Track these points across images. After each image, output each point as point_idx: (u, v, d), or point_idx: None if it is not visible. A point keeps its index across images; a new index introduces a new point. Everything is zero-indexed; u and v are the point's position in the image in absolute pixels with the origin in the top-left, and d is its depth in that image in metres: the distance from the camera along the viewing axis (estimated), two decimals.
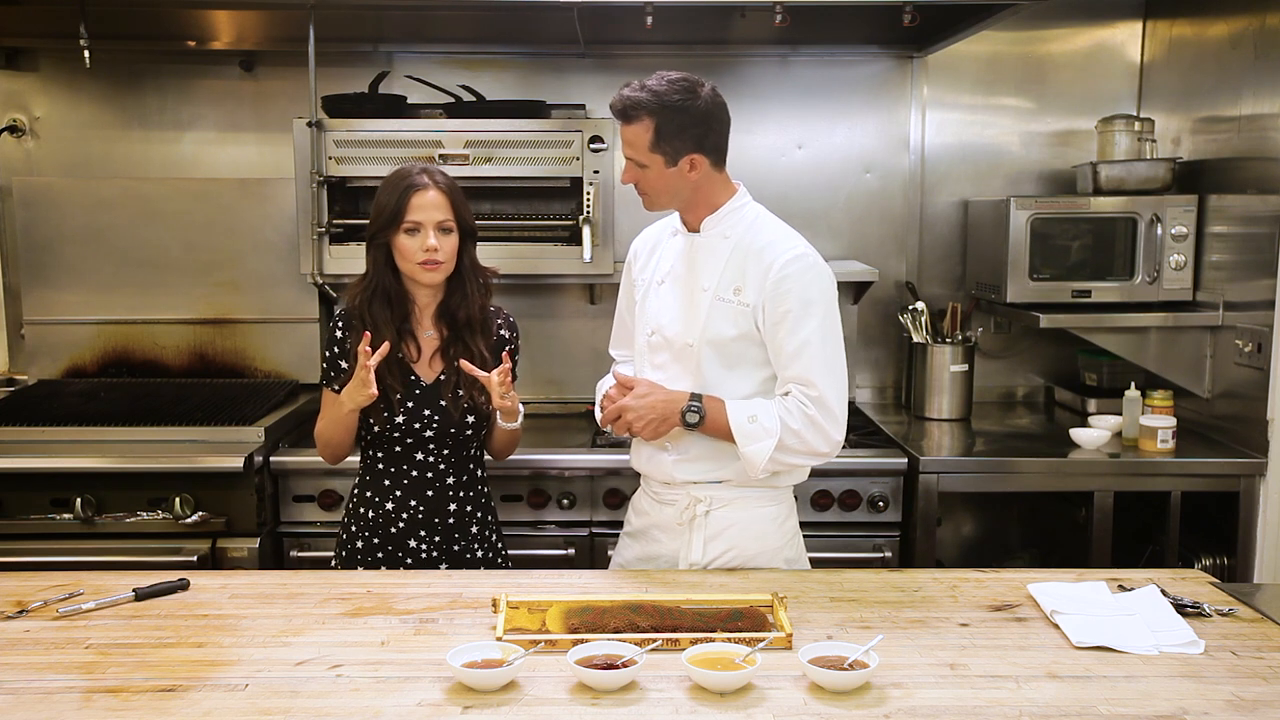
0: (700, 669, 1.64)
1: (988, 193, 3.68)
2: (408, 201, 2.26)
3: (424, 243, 2.26)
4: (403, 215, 2.26)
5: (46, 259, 3.55)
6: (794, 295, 2.15)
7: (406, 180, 2.29)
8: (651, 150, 2.14)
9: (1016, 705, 1.61)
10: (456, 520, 2.37)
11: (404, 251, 2.28)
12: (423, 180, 2.28)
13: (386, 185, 2.32)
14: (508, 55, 3.66)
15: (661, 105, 2.11)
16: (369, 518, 2.37)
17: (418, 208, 2.26)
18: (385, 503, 2.35)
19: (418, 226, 2.26)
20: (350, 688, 1.66)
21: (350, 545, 2.39)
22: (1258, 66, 3.03)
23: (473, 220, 2.36)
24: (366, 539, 2.37)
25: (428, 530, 2.35)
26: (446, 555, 2.37)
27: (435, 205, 2.27)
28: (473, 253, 2.37)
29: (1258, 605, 1.99)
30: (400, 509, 2.35)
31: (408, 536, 2.35)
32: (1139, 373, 3.36)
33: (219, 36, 3.60)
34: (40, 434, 3.02)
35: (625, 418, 2.20)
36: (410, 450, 2.34)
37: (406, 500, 2.35)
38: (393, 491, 2.35)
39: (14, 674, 1.71)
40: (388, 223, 2.28)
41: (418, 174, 2.30)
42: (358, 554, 2.38)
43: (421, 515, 2.35)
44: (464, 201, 2.33)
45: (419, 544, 2.35)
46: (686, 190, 2.20)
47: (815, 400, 2.14)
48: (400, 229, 2.27)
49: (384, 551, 2.36)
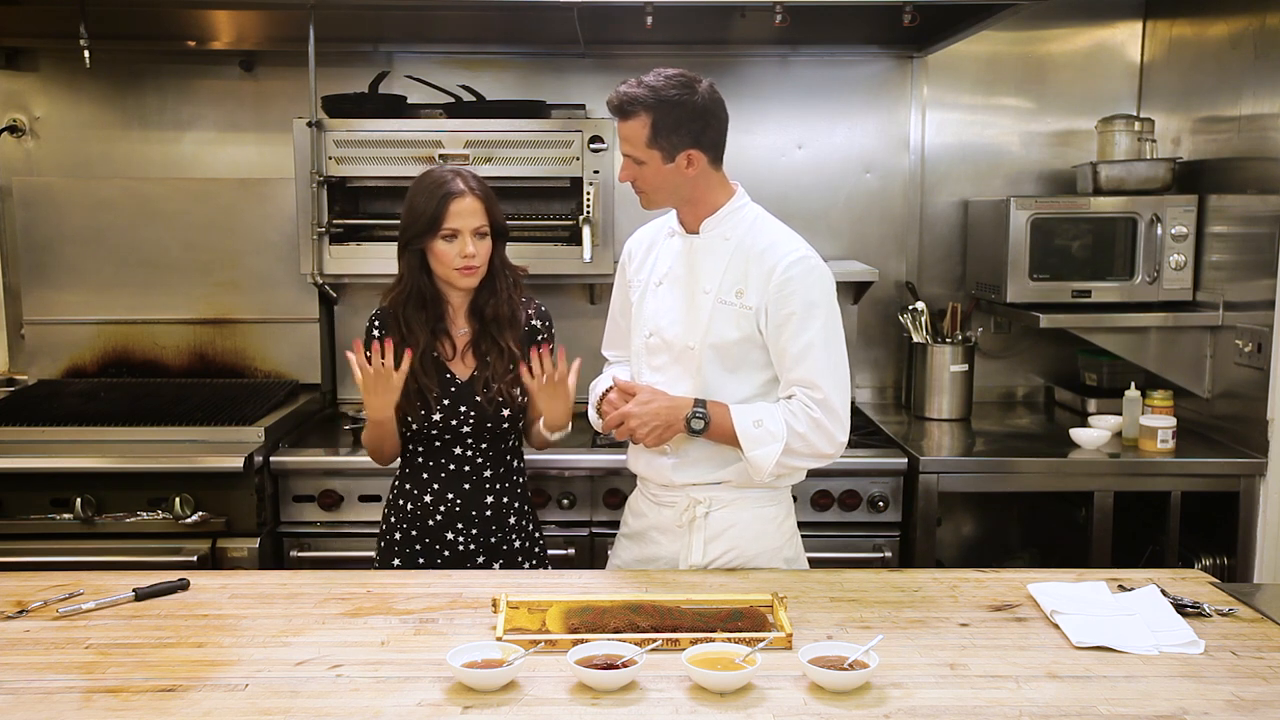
0: (700, 669, 1.64)
1: (988, 193, 3.68)
2: (446, 209, 2.25)
3: (462, 249, 2.26)
4: (441, 222, 2.25)
5: (46, 259, 3.55)
6: (798, 297, 2.15)
7: (444, 188, 2.27)
8: (648, 146, 2.13)
9: (1016, 705, 1.61)
10: (494, 512, 2.39)
11: (441, 257, 2.28)
12: (459, 186, 2.28)
13: (421, 190, 2.30)
14: (508, 55, 3.66)
15: (658, 100, 2.11)
16: (407, 510, 2.39)
17: (455, 215, 2.26)
18: (423, 495, 2.37)
19: (455, 233, 2.26)
20: (350, 688, 1.66)
21: (389, 537, 2.42)
22: (1258, 66, 3.03)
23: (504, 220, 2.37)
24: (405, 531, 2.39)
25: (464, 523, 2.37)
26: (484, 547, 2.38)
27: (472, 212, 2.27)
28: (503, 251, 2.38)
29: (1258, 605, 1.99)
30: (438, 502, 2.36)
31: (445, 529, 2.37)
32: (1139, 373, 3.35)
33: (219, 36, 3.60)
34: (40, 434, 3.02)
35: (628, 424, 2.19)
36: (449, 445, 2.36)
37: (444, 493, 2.36)
38: (430, 485, 2.37)
39: (14, 674, 1.71)
40: (424, 229, 2.27)
41: (453, 179, 2.29)
42: (395, 545, 2.40)
43: (459, 508, 2.36)
44: (496, 203, 2.33)
45: (456, 536, 2.37)
46: (684, 188, 2.20)
47: (820, 403, 2.14)
48: (438, 235, 2.26)
49: (421, 544, 2.38)
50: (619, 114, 2.15)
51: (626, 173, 2.21)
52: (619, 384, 2.29)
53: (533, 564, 2.46)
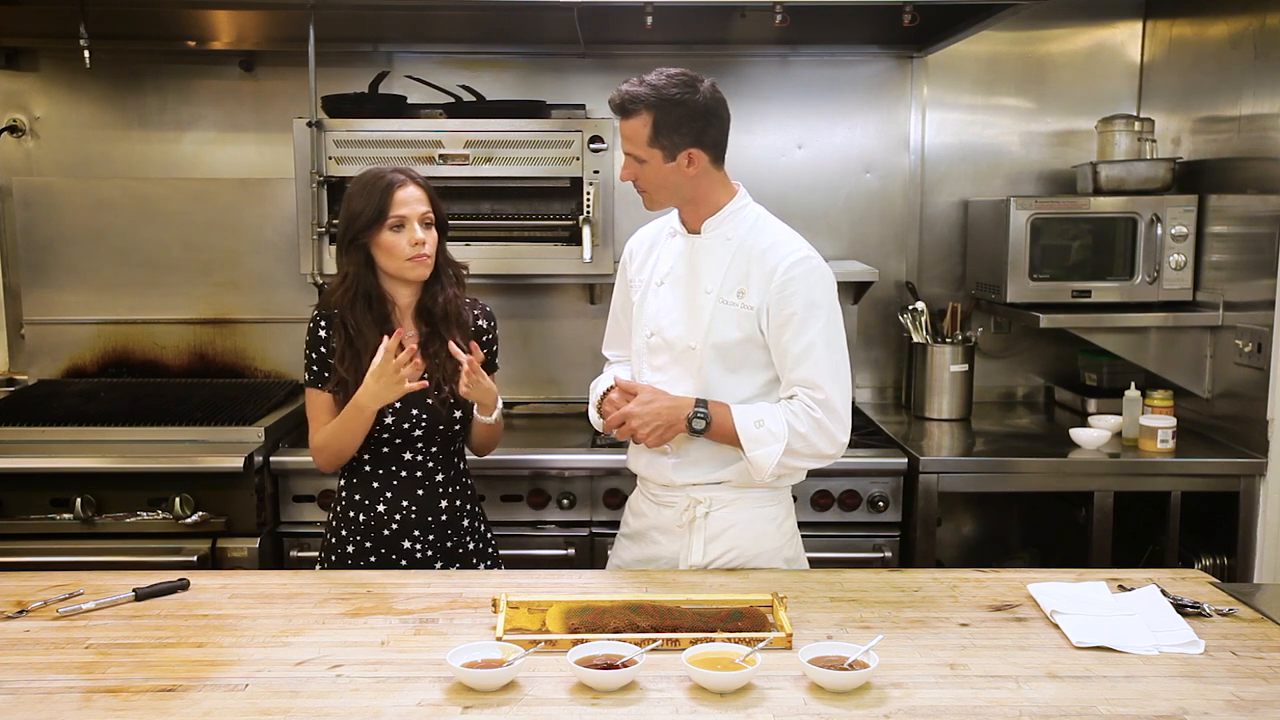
0: (700, 669, 1.64)
1: (988, 193, 3.68)
2: (390, 198, 2.26)
3: (411, 237, 2.26)
4: (387, 212, 2.25)
5: (46, 259, 3.55)
6: (799, 298, 2.15)
7: (384, 179, 2.29)
8: (650, 145, 2.13)
9: (1016, 705, 1.61)
10: (449, 517, 2.37)
11: (390, 249, 2.27)
12: (399, 177, 2.29)
13: (360, 188, 2.30)
14: (508, 55, 3.66)
15: (660, 99, 2.11)
16: (359, 521, 2.35)
17: (401, 203, 2.26)
18: (376, 505, 2.33)
19: (403, 222, 2.26)
20: (350, 688, 1.66)
21: (340, 550, 2.36)
22: (1258, 66, 3.03)
23: (446, 214, 2.37)
24: (358, 543, 2.35)
25: (421, 530, 2.34)
26: (441, 553, 2.36)
27: (418, 199, 2.28)
28: (445, 248, 2.38)
29: (1258, 605, 1.99)
30: (393, 510, 2.33)
31: (402, 538, 2.34)
32: (1139, 373, 3.35)
33: (219, 36, 3.60)
34: (40, 434, 3.02)
35: (629, 424, 2.19)
36: (399, 450, 2.33)
37: (398, 501, 2.33)
38: (383, 493, 2.34)
39: (14, 674, 1.71)
40: (370, 222, 2.26)
41: (392, 173, 2.30)
42: (348, 558, 2.36)
43: (415, 515, 2.34)
44: (438, 197, 2.35)
45: (413, 544, 2.34)
46: (686, 187, 2.20)
47: (821, 403, 2.14)
48: (385, 226, 2.26)
49: (377, 555, 2.34)
50: (621, 112, 2.15)
51: (628, 171, 2.21)
52: (620, 384, 2.28)
53: (487, 565, 2.44)
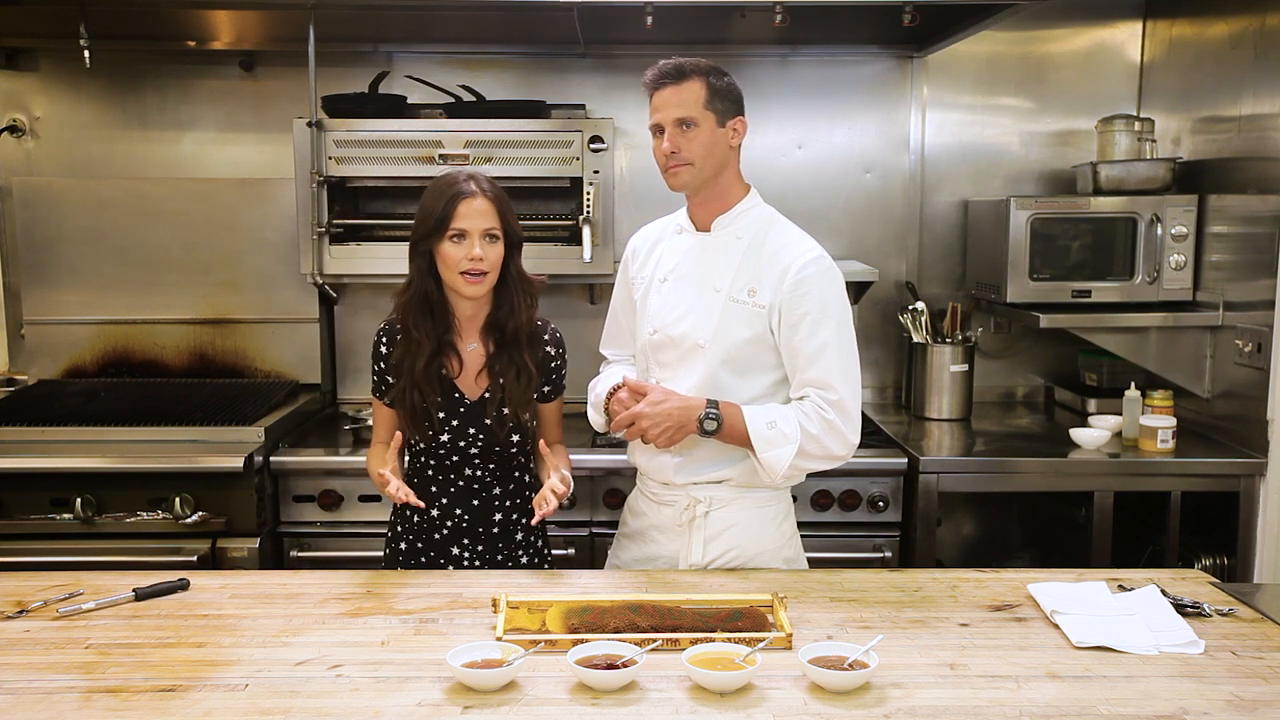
0: (700, 669, 1.64)
1: (988, 193, 3.68)
2: (454, 209, 2.19)
3: (469, 251, 2.18)
4: (448, 222, 2.19)
5: (46, 259, 3.55)
6: (812, 298, 2.15)
7: (454, 187, 2.21)
8: (705, 107, 2.15)
9: (1016, 705, 1.61)
10: (501, 529, 2.34)
11: (447, 260, 2.20)
12: (469, 187, 2.21)
13: (432, 191, 2.25)
14: (508, 55, 3.66)
15: (711, 68, 2.18)
16: (414, 521, 2.35)
17: (464, 215, 2.19)
18: (430, 509, 2.32)
19: (463, 234, 2.19)
20: (350, 688, 1.66)
21: (395, 545, 2.38)
22: (1258, 66, 3.03)
23: (519, 229, 2.29)
24: (410, 542, 2.35)
25: (471, 539, 2.32)
26: (490, 563, 2.33)
27: (482, 213, 2.20)
28: (519, 262, 2.30)
29: (1258, 605, 1.99)
30: (446, 516, 2.31)
31: (451, 544, 2.32)
32: (1139, 373, 3.35)
33: (219, 36, 3.60)
34: (40, 434, 3.02)
35: (639, 425, 2.16)
36: (458, 465, 2.30)
37: (452, 508, 2.31)
38: (439, 499, 2.31)
39: (14, 674, 1.71)
40: (432, 229, 2.20)
41: (464, 180, 2.23)
42: (400, 555, 2.36)
43: (466, 524, 2.31)
44: (511, 209, 2.27)
45: (462, 551, 2.32)
46: (726, 159, 2.21)
47: (834, 404, 2.14)
48: (445, 236, 2.19)
49: (427, 556, 2.33)
50: (674, 77, 2.16)
51: (673, 141, 2.16)
52: (629, 383, 2.24)
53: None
